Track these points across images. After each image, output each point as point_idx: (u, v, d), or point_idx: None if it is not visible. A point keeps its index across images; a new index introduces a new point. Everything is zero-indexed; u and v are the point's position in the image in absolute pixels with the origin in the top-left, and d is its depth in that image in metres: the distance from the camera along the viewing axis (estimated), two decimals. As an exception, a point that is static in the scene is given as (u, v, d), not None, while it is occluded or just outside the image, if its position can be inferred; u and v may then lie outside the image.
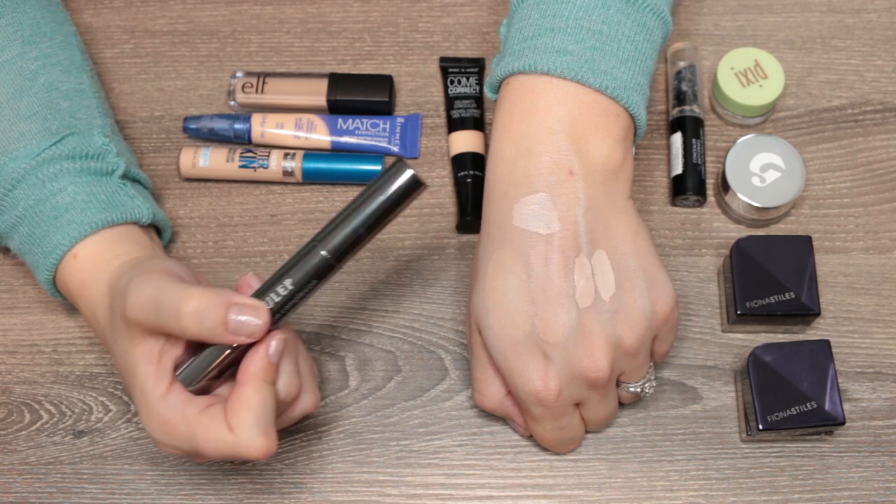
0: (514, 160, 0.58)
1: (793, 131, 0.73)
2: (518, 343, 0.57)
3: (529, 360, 0.57)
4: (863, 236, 0.70)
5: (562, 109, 0.58)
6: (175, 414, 0.55)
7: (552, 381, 0.57)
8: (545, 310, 0.57)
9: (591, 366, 0.57)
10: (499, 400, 0.62)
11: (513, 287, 0.57)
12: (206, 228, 0.72)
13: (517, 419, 0.63)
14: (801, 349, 0.63)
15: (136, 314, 0.54)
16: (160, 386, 0.55)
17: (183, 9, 0.78)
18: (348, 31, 0.77)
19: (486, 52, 0.76)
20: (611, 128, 0.58)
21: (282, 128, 0.73)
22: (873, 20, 0.76)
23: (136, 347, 0.56)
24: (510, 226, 0.58)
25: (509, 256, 0.58)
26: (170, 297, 0.54)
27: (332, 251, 0.55)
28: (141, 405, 0.56)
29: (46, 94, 0.65)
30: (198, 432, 0.55)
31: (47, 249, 0.62)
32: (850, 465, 0.65)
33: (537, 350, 0.57)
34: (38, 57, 0.66)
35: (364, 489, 0.65)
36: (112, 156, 0.65)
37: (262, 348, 0.55)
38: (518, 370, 0.58)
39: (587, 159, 0.58)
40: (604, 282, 0.57)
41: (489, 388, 0.62)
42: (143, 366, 0.56)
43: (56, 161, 0.63)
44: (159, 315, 0.54)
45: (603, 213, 0.58)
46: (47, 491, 0.65)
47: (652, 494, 0.65)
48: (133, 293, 0.55)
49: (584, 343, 0.57)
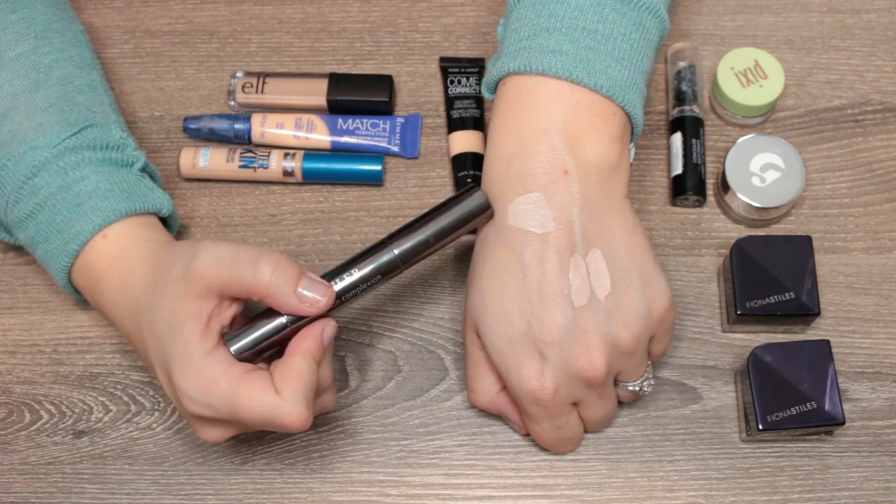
0: (510, 160, 0.59)
1: (793, 131, 0.73)
2: (514, 342, 0.57)
3: (526, 359, 0.57)
4: (863, 236, 0.70)
5: (556, 109, 0.58)
6: (219, 370, 0.55)
7: (549, 381, 0.57)
8: (541, 308, 0.57)
9: (588, 364, 0.57)
10: (490, 398, 0.62)
11: (509, 286, 0.58)
12: (206, 228, 0.72)
13: (512, 416, 0.63)
14: (801, 349, 0.63)
15: (206, 266, 0.55)
16: (206, 343, 0.56)
17: (183, 9, 0.78)
18: (348, 31, 0.77)
19: (486, 52, 0.76)
20: (606, 127, 0.59)
21: (282, 128, 0.73)
22: (873, 20, 0.76)
23: (188, 304, 0.56)
24: (505, 225, 0.58)
25: (505, 255, 0.58)
26: (249, 251, 0.56)
27: (402, 252, 0.58)
28: (180, 360, 0.56)
29: (62, 88, 0.65)
30: (241, 390, 0.55)
31: (69, 236, 0.62)
32: (850, 465, 0.65)
33: (534, 349, 0.57)
34: (51, 52, 0.66)
35: (364, 489, 0.65)
36: (131, 148, 0.66)
37: (317, 329, 0.57)
38: (515, 369, 0.58)
39: (582, 159, 0.58)
40: (599, 281, 0.57)
41: (481, 385, 0.62)
42: (191, 322, 0.56)
43: (77, 150, 0.63)
44: (234, 265, 0.55)
45: (598, 212, 0.58)
46: (47, 491, 0.65)
47: (652, 494, 0.65)
48: (206, 248, 0.56)
49: (580, 342, 0.57)
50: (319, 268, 0.70)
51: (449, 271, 0.70)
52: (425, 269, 0.70)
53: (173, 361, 0.56)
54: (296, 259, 0.70)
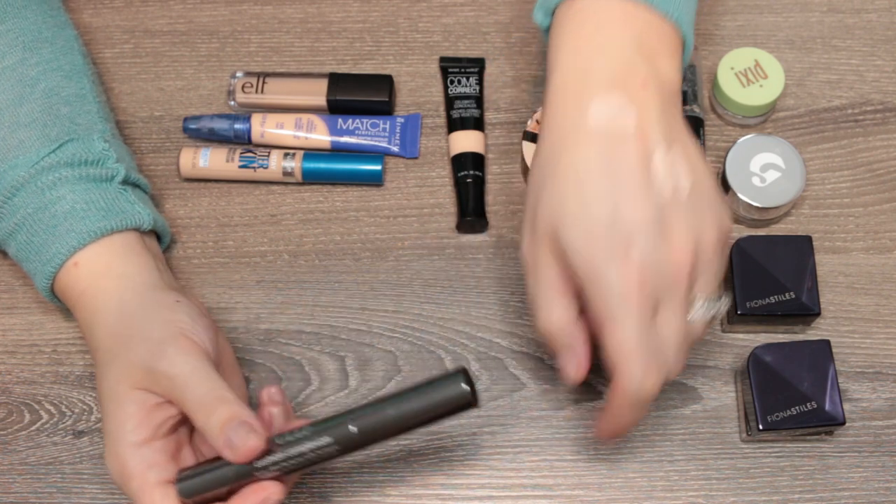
0: (586, 69, 0.57)
1: (793, 131, 0.73)
2: (601, 235, 0.55)
3: (615, 248, 0.54)
4: (863, 236, 0.70)
5: (631, 30, 0.58)
6: (136, 469, 0.56)
7: (637, 268, 0.54)
8: (627, 199, 0.55)
9: (678, 254, 0.55)
10: (566, 322, 0.57)
11: (592, 180, 0.55)
12: (206, 228, 0.72)
13: (579, 350, 0.58)
14: (801, 349, 0.63)
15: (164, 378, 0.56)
16: (138, 433, 0.56)
17: (183, 9, 0.78)
18: (348, 31, 0.77)
19: (486, 52, 0.76)
20: (672, 52, 0.59)
21: (282, 128, 0.73)
22: (873, 20, 0.76)
23: (134, 392, 0.57)
24: (585, 124, 0.56)
25: (585, 153, 0.56)
26: (206, 382, 0.56)
27: (361, 428, 0.54)
28: (110, 436, 0.57)
29: (46, 100, 0.65)
30: (145, 500, 0.56)
31: (46, 258, 0.62)
32: (850, 465, 0.65)
33: (622, 239, 0.54)
34: (38, 63, 0.66)
35: (364, 489, 0.65)
36: (112, 161, 0.65)
37: (258, 495, 0.55)
38: (603, 260, 0.54)
39: (657, 75, 0.58)
40: (680, 180, 0.56)
41: (557, 306, 0.57)
42: (132, 405, 0.57)
43: (55, 168, 0.63)
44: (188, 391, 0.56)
45: (672, 125, 0.57)
46: (47, 491, 0.65)
47: (652, 494, 0.65)
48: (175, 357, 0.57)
49: (667, 232, 0.55)
50: (319, 267, 0.70)
51: (449, 271, 0.70)
52: (426, 269, 0.70)
53: (105, 435, 0.58)
54: (295, 259, 0.70)
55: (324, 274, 0.70)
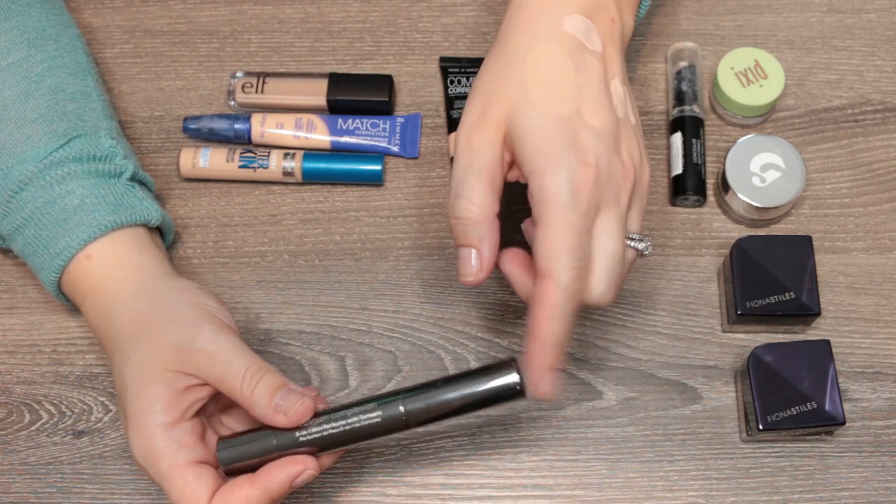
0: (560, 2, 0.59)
1: (793, 131, 0.73)
2: (561, 125, 0.55)
3: (573, 143, 0.55)
4: (863, 236, 0.70)
5: None
6: (167, 449, 0.56)
7: (592, 166, 0.54)
8: (590, 100, 0.56)
9: (626, 167, 0.56)
10: (484, 216, 0.56)
11: (559, 74, 0.57)
12: (206, 228, 0.72)
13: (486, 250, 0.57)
14: (801, 349, 0.63)
15: (202, 356, 0.56)
16: (168, 414, 0.56)
17: (183, 9, 0.78)
18: (348, 31, 0.77)
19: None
20: (633, 9, 0.62)
21: (282, 128, 0.73)
22: (873, 20, 0.76)
23: (166, 372, 0.57)
24: (560, 30, 0.58)
25: (557, 51, 0.57)
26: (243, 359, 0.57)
27: (409, 411, 0.56)
28: (137, 418, 0.57)
29: (52, 97, 0.65)
30: (176, 479, 0.56)
31: (55, 251, 0.62)
32: (851, 465, 0.65)
33: (581, 137, 0.55)
34: (43, 59, 0.66)
35: (364, 489, 0.65)
36: (119, 158, 0.66)
37: (294, 467, 0.56)
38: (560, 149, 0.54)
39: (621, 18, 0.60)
40: (629, 111, 0.58)
41: (479, 196, 0.56)
42: (162, 385, 0.56)
43: (64, 163, 0.63)
44: (228, 368, 0.56)
45: (625, 69, 0.60)
46: (47, 491, 0.65)
47: (652, 494, 0.65)
48: (210, 335, 0.57)
49: (621, 140, 0.57)
50: (319, 267, 0.70)
51: (449, 271, 0.70)
52: (425, 269, 0.70)
53: (131, 416, 0.57)
54: (295, 259, 0.70)
55: (324, 274, 0.70)
